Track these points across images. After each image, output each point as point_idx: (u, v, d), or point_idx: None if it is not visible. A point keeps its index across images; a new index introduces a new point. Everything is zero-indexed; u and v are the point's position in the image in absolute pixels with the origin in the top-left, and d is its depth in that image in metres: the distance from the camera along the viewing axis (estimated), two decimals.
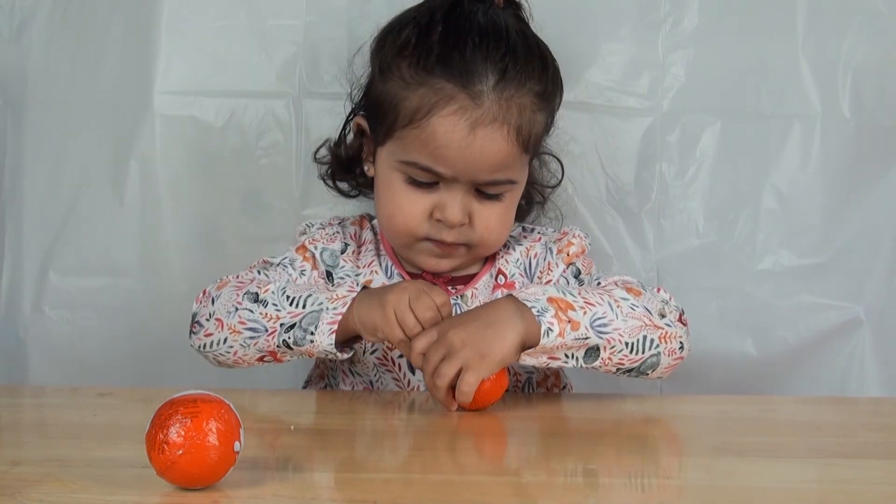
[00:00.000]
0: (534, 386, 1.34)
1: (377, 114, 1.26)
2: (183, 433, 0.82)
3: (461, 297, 1.30)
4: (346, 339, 1.18)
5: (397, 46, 1.24)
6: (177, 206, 1.50)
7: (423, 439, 1.06)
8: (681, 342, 1.20)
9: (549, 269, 1.32)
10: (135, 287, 1.50)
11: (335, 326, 1.14)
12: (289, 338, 1.16)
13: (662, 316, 1.19)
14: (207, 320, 1.23)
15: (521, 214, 1.38)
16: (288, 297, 1.18)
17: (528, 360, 1.14)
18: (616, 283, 1.24)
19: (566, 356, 1.14)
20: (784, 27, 1.47)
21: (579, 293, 1.16)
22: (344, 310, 1.14)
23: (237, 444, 0.84)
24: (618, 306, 1.16)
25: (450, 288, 1.30)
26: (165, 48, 1.47)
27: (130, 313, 1.50)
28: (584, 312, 1.14)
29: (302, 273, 1.30)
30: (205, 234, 1.51)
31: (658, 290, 1.24)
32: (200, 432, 0.82)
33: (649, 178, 1.49)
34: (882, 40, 1.47)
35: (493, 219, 1.25)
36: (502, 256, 1.33)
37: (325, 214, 1.46)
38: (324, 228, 1.34)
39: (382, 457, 1.01)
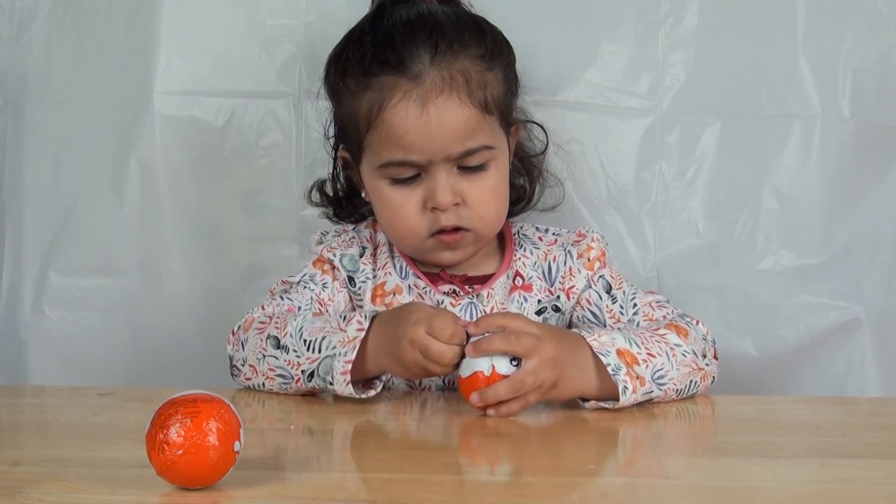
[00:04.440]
0: None
1: (346, 136, 1.30)
2: (183, 433, 0.82)
3: (477, 296, 1.29)
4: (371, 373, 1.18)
5: (340, 69, 1.27)
6: (177, 206, 1.50)
7: (424, 439, 1.06)
8: (713, 377, 1.24)
9: (570, 274, 1.31)
10: (135, 287, 1.50)
11: (348, 377, 1.13)
12: (314, 385, 1.17)
13: (704, 356, 1.22)
14: (243, 365, 1.23)
15: (528, 196, 1.38)
16: (305, 340, 1.17)
17: (590, 406, 1.15)
18: (650, 307, 1.27)
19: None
20: (784, 27, 1.47)
21: (641, 342, 1.17)
22: (353, 355, 1.13)
23: (237, 444, 0.84)
24: (673, 355, 1.18)
25: (466, 287, 1.30)
26: (165, 48, 1.47)
27: (130, 313, 1.51)
28: (647, 366, 1.15)
29: (324, 286, 1.30)
30: (205, 234, 1.51)
31: (697, 322, 1.26)
32: (200, 432, 0.82)
33: (649, 178, 1.49)
34: (882, 40, 1.47)
35: (485, 193, 1.25)
36: (519, 258, 1.32)
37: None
38: (339, 235, 1.35)
39: (382, 457, 1.01)
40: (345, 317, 1.18)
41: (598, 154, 1.49)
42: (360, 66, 1.24)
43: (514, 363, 1.10)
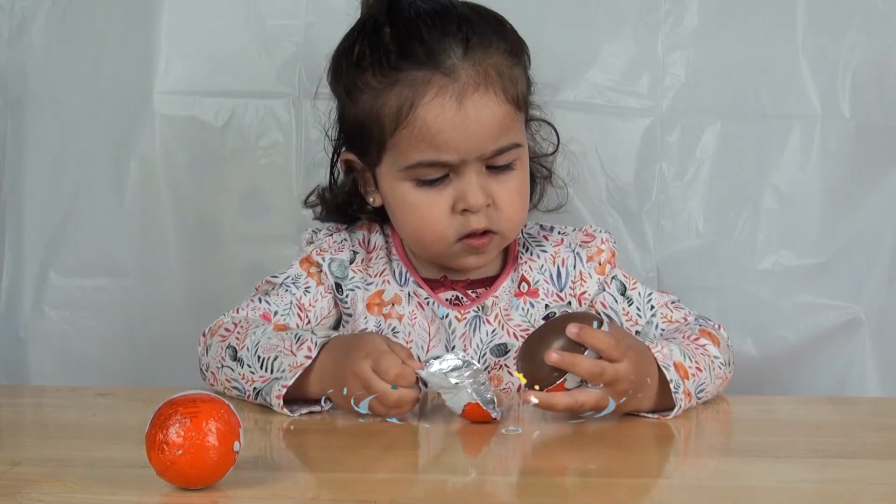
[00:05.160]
0: None
1: (361, 137, 1.22)
2: (183, 433, 0.82)
3: (481, 307, 1.26)
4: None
5: (354, 64, 1.21)
6: (177, 206, 1.50)
7: (424, 440, 1.06)
8: (730, 380, 1.22)
9: (581, 279, 1.29)
10: (134, 287, 1.50)
11: (281, 402, 1.10)
12: (260, 403, 1.13)
13: (728, 364, 1.21)
14: (206, 370, 1.21)
15: (530, 194, 1.33)
16: (259, 357, 1.14)
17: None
18: (667, 307, 1.27)
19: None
20: (784, 27, 1.47)
21: (691, 354, 1.15)
22: (291, 381, 1.10)
23: (237, 444, 0.84)
24: (712, 368, 1.17)
25: (470, 292, 1.27)
26: (165, 48, 1.47)
27: (130, 313, 1.51)
28: (694, 380, 1.13)
29: (307, 290, 1.26)
30: (205, 234, 1.51)
31: (719, 326, 1.25)
32: (200, 432, 0.82)
33: (649, 178, 1.49)
34: (882, 40, 1.47)
35: (513, 194, 1.21)
36: (525, 262, 1.29)
37: None
38: (331, 235, 1.29)
39: (382, 457, 1.01)
40: (299, 337, 1.14)
41: (598, 154, 1.49)
42: (384, 61, 1.18)
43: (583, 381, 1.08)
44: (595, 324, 1.08)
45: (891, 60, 1.47)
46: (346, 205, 1.31)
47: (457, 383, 1.06)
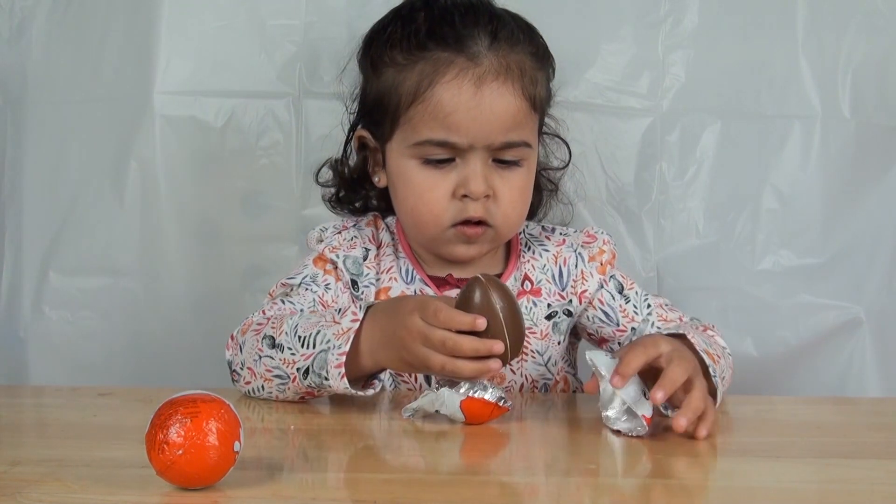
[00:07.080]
0: (548, 392, 1.31)
1: (378, 110, 1.25)
2: (183, 433, 0.82)
3: None
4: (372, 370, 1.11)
5: (384, 41, 1.24)
6: (177, 207, 1.50)
7: (423, 439, 1.06)
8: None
9: (582, 278, 1.30)
10: (135, 287, 1.50)
11: (342, 370, 1.07)
12: (310, 384, 1.10)
13: (730, 356, 1.22)
14: (241, 369, 1.17)
15: (534, 205, 1.35)
16: (300, 337, 1.11)
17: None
18: (662, 308, 1.28)
19: None
20: (784, 27, 1.47)
21: (710, 343, 1.15)
22: (347, 347, 1.07)
23: (237, 444, 0.84)
24: (724, 357, 1.18)
25: None
26: (165, 48, 1.47)
27: (130, 313, 1.51)
28: (717, 366, 1.13)
29: (327, 287, 1.25)
30: (205, 234, 1.51)
31: (713, 327, 1.26)
32: (200, 432, 0.82)
33: (649, 178, 1.49)
34: (882, 40, 1.47)
35: (515, 191, 1.23)
36: (528, 261, 1.30)
37: (325, 215, 1.45)
38: (340, 233, 1.29)
39: (382, 457, 1.01)
40: (340, 310, 1.12)
41: (598, 154, 1.49)
42: (413, 40, 1.21)
43: None
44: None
45: (891, 60, 1.47)
46: (357, 181, 1.33)
47: (438, 387, 1.06)
